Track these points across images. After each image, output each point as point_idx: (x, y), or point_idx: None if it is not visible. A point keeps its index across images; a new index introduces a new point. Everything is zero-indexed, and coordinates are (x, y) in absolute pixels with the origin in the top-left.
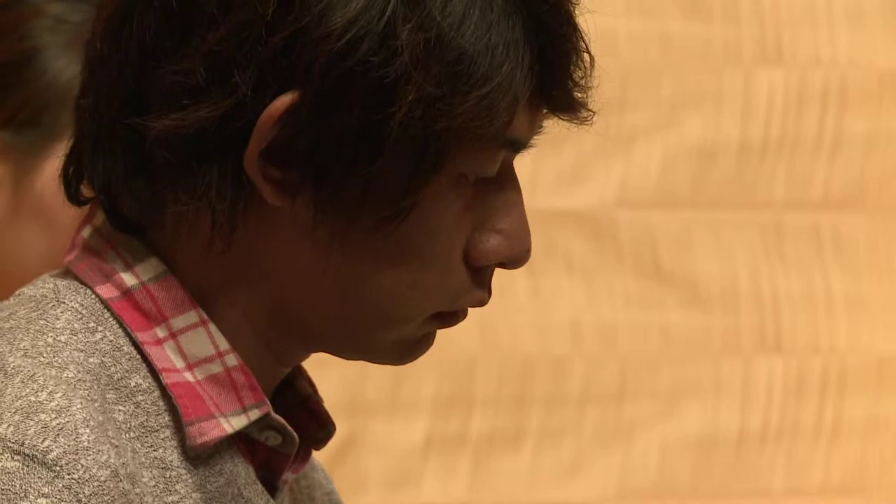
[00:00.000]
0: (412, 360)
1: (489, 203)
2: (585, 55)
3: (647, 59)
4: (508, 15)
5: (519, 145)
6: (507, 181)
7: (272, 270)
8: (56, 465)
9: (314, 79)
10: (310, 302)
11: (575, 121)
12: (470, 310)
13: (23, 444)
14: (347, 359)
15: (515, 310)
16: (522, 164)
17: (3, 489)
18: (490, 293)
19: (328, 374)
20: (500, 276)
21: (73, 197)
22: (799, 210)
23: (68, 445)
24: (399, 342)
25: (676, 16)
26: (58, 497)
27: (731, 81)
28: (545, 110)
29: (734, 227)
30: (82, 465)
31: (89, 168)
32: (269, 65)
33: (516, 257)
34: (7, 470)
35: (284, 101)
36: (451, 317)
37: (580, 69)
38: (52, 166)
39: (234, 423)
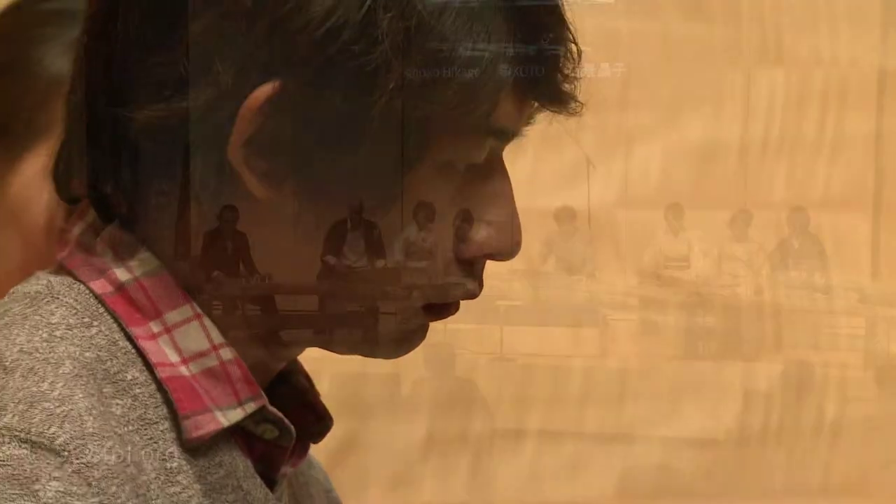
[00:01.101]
0: (406, 353)
1: (477, 194)
2: (572, 45)
3: (647, 59)
4: (491, 3)
5: (505, 134)
6: (495, 172)
7: (259, 261)
8: (64, 450)
9: (295, 68)
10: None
11: (565, 112)
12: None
13: (29, 432)
14: (341, 353)
15: (515, 310)
16: (522, 164)
17: (13, 475)
18: (482, 285)
19: (328, 374)
20: (499, 276)
21: (65, 193)
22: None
23: (74, 431)
24: (391, 335)
25: (677, 16)
26: (68, 481)
27: (732, 81)
28: (534, 102)
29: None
30: (90, 450)
31: (79, 163)
32: (250, 55)
33: (505, 250)
34: (16, 457)
35: (265, 90)
36: (443, 309)
37: (569, 61)
38: (22, 173)
39: (229, 417)
